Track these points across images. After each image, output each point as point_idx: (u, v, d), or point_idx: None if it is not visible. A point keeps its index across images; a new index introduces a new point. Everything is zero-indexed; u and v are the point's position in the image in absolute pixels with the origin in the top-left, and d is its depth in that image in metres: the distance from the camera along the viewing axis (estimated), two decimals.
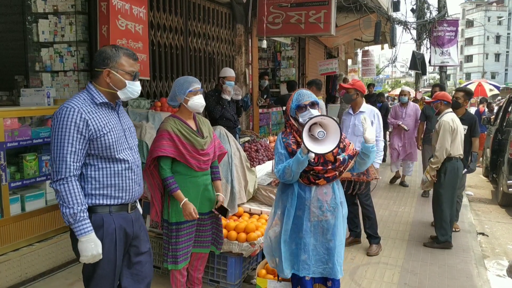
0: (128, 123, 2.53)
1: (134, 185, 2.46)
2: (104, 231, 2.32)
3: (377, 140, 4.77)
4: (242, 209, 4.26)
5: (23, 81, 5.02)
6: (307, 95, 2.92)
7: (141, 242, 2.57)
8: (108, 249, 2.34)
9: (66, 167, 2.19)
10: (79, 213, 2.19)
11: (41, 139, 4.00)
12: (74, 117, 2.20)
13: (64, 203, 2.19)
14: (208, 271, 3.87)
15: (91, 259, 2.24)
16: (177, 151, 3.17)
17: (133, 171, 2.44)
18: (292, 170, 2.74)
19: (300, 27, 6.93)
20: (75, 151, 2.20)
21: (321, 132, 2.60)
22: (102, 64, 2.32)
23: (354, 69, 19.38)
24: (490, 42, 57.67)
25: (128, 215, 2.45)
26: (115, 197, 2.36)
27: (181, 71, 6.12)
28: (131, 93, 2.40)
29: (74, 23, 4.54)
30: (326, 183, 2.87)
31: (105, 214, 2.33)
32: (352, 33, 11.51)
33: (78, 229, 2.19)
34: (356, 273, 4.33)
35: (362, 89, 4.81)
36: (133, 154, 2.47)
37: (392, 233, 5.58)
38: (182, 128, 3.22)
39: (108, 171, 2.33)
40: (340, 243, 2.91)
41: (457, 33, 11.94)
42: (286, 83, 9.42)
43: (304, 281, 2.97)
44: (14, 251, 3.74)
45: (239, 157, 4.37)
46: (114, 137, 2.33)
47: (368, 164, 2.94)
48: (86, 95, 2.33)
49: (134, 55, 2.41)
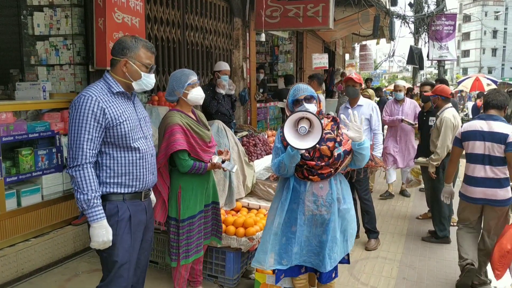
0: (143, 113, 2.57)
1: (148, 174, 2.50)
2: (118, 218, 2.37)
3: (376, 133, 4.76)
4: (241, 204, 4.23)
5: (18, 75, 4.96)
6: (302, 90, 2.88)
7: (147, 231, 2.63)
8: (123, 237, 2.39)
9: (83, 154, 2.24)
10: (93, 199, 2.24)
11: (37, 133, 3.96)
12: (92, 105, 2.25)
13: (79, 189, 2.24)
14: (207, 266, 3.85)
15: (101, 245, 2.29)
16: (190, 145, 3.15)
17: (147, 160, 2.48)
18: (285, 164, 2.72)
19: (298, 21, 6.89)
20: (91, 138, 2.25)
21: (303, 127, 2.55)
22: (120, 53, 2.37)
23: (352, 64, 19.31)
24: (487, 37, 57.54)
25: (142, 203, 2.52)
26: (129, 185, 2.42)
27: (178, 65, 6.07)
28: (145, 85, 2.44)
29: (70, 16, 4.48)
30: (320, 180, 2.81)
31: (119, 202, 2.39)
32: (350, 27, 11.48)
33: (91, 215, 2.25)
34: (354, 267, 4.31)
35: (361, 83, 4.83)
36: (148, 143, 2.52)
37: (390, 227, 5.57)
38: (190, 122, 3.20)
39: (122, 160, 2.38)
40: (333, 238, 2.84)
41: (455, 27, 11.92)
42: (283, 77, 9.37)
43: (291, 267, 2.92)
44: (10, 246, 3.70)
45: (237, 151, 4.34)
46: (130, 126, 2.37)
47: (365, 161, 2.86)
48: (104, 84, 2.37)
49: (152, 48, 2.45)
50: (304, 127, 2.55)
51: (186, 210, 3.26)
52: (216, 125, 4.31)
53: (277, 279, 2.99)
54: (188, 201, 3.26)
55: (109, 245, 2.32)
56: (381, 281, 4.05)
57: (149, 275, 3.96)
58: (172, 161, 3.22)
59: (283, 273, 2.96)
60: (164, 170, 3.24)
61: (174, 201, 3.27)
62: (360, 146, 2.74)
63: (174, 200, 3.28)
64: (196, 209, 3.32)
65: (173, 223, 3.29)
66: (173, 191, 3.28)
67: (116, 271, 2.40)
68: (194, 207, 3.30)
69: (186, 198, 3.26)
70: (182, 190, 3.25)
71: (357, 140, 2.72)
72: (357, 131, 2.71)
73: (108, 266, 2.42)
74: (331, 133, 2.84)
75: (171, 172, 3.29)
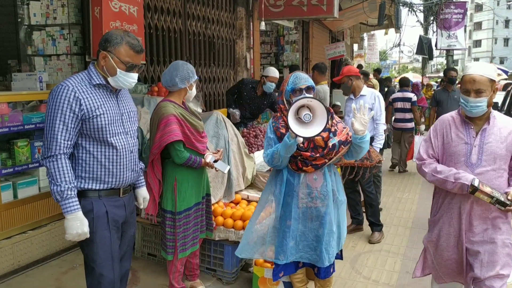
0: (128, 108, 2.48)
1: (126, 171, 2.42)
2: (94, 215, 2.31)
3: (378, 123, 4.64)
4: (240, 196, 4.15)
5: (16, 66, 4.91)
6: (304, 79, 2.78)
7: (129, 226, 2.58)
8: (101, 234, 2.34)
9: (57, 144, 2.19)
10: (66, 191, 2.19)
11: (33, 124, 3.90)
12: (68, 96, 2.19)
13: (53, 180, 2.19)
14: (205, 259, 3.79)
15: (76, 237, 2.24)
16: (185, 136, 3.10)
17: (125, 156, 2.39)
18: (280, 155, 2.62)
19: (302, 9, 6.77)
20: (66, 129, 2.20)
21: (307, 115, 2.47)
22: (102, 46, 2.31)
23: (360, 54, 19.08)
24: (499, 27, 56.58)
25: (120, 199, 2.45)
26: (105, 181, 2.35)
27: (180, 56, 5.98)
28: (122, 83, 2.34)
29: (66, 5, 4.40)
30: (315, 170, 2.72)
31: (94, 198, 2.34)
32: (357, 16, 11.29)
33: (65, 206, 2.20)
34: (357, 261, 4.23)
35: (353, 72, 4.68)
36: (128, 139, 2.43)
37: (395, 220, 5.47)
38: (183, 112, 3.15)
39: (98, 155, 2.31)
40: (330, 231, 2.75)
41: (464, 16, 11.67)
42: (289, 68, 9.25)
43: (288, 264, 2.84)
44: (6, 239, 3.67)
45: (236, 143, 4.25)
46: (108, 120, 2.30)
47: (363, 153, 2.78)
48: (85, 75, 2.32)
49: (137, 47, 2.33)
50: (309, 115, 2.48)
51: (182, 202, 3.19)
52: (215, 116, 4.22)
53: (274, 276, 2.91)
54: (184, 193, 3.20)
55: (85, 237, 2.27)
56: (383, 274, 3.96)
57: (146, 268, 3.94)
58: (167, 153, 3.14)
59: (282, 271, 2.88)
60: (156, 163, 3.17)
61: (170, 193, 3.20)
62: (361, 140, 2.66)
63: (169, 193, 3.20)
64: (192, 201, 3.25)
65: (169, 216, 3.22)
66: (168, 183, 3.20)
67: (98, 270, 2.35)
68: (190, 199, 3.24)
69: (182, 190, 3.19)
70: (178, 182, 3.18)
71: (360, 133, 2.63)
72: (363, 124, 2.63)
73: (90, 264, 2.38)
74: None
75: (166, 165, 3.21)
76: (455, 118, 2.65)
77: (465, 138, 2.56)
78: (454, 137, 2.59)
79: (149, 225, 4.01)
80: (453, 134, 2.60)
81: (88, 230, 2.26)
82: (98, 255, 2.34)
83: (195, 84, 3.29)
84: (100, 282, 2.36)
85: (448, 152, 2.63)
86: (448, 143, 2.62)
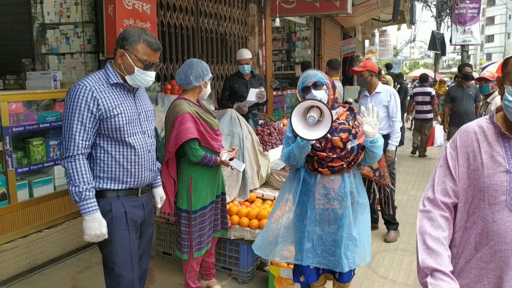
0: (145, 107, 2.46)
1: (144, 171, 2.40)
2: (112, 215, 2.30)
3: (394, 121, 4.57)
4: (255, 195, 4.11)
5: (30, 64, 4.92)
6: (310, 76, 2.69)
7: (147, 226, 2.57)
8: (120, 234, 2.32)
9: (75, 145, 2.17)
10: (85, 191, 2.17)
11: (48, 123, 3.90)
12: (85, 95, 2.17)
13: (71, 181, 2.18)
14: (220, 258, 3.77)
15: (94, 238, 2.23)
16: (200, 134, 3.08)
17: (143, 156, 2.38)
18: (295, 154, 2.57)
19: (315, 6, 6.70)
20: (84, 129, 2.18)
21: (311, 117, 2.37)
22: (119, 44, 2.29)
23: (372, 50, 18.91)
24: None
25: (138, 199, 2.43)
26: (123, 181, 2.33)
27: (192, 53, 5.95)
28: (139, 81, 2.31)
29: (80, 3, 4.39)
30: (331, 174, 2.64)
31: (113, 198, 2.32)
32: (370, 12, 11.16)
33: (83, 207, 2.19)
34: (373, 260, 4.17)
35: (375, 69, 4.62)
36: (146, 138, 2.41)
37: (410, 218, 5.40)
38: (198, 110, 3.12)
39: (116, 155, 2.29)
40: (349, 235, 2.65)
41: (479, 10, 11.46)
42: (300, 65, 9.18)
43: (307, 269, 2.78)
44: (22, 237, 3.67)
45: (251, 140, 4.21)
46: (126, 119, 2.28)
47: (376, 159, 2.68)
48: (103, 74, 2.30)
49: (155, 45, 2.30)
50: (313, 117, 2.37)
51: (197, 201, 3.17)
52: (230, 114, 4.19)
53: (295, 278, 2.87)
54: (200, 192, 3.17)
55: (103, 238, 2.25)
56: (400, 274, 3.90)
57: (162, 267, 3.93)
58: (182, 151, 3.12)
59: (302, 275, 2.82)
60: (171, 162, 3.14)
61: (185, 192, 3.17)
62: (372, 144, 2.55)
63: (185, 191, 3.18)
64: (207, 199, 3.23)
65: (184, 215, 3.20)
66: (183, 182, 3.18)
67: (117, 271, 2.34)
68: (205, 198, 3.21)
69: (197, 189, 3.16)
70: (193, 181, 3.15)
71: (370, 136, 2.54)
72: (372, 126, 2.53)
73: (109, 265, 2.36)
74: (346, 124, 2.67)
75: (181, 163, 3.19)
76: (486, 131, 1.64)
77: (505, 163, 1.57)
78: (487, 162, 1.60)
79: (164, 223, 4.00)
80: (484, 156, 1.61)
81: (106, 231, 2.24)
82: (117, 256, 2.33)
83: (209, 82, 3.26)
84: (120, 282, 2.34)
85: (477, 187, 1.61)
86: (477, 171, 1.61)
